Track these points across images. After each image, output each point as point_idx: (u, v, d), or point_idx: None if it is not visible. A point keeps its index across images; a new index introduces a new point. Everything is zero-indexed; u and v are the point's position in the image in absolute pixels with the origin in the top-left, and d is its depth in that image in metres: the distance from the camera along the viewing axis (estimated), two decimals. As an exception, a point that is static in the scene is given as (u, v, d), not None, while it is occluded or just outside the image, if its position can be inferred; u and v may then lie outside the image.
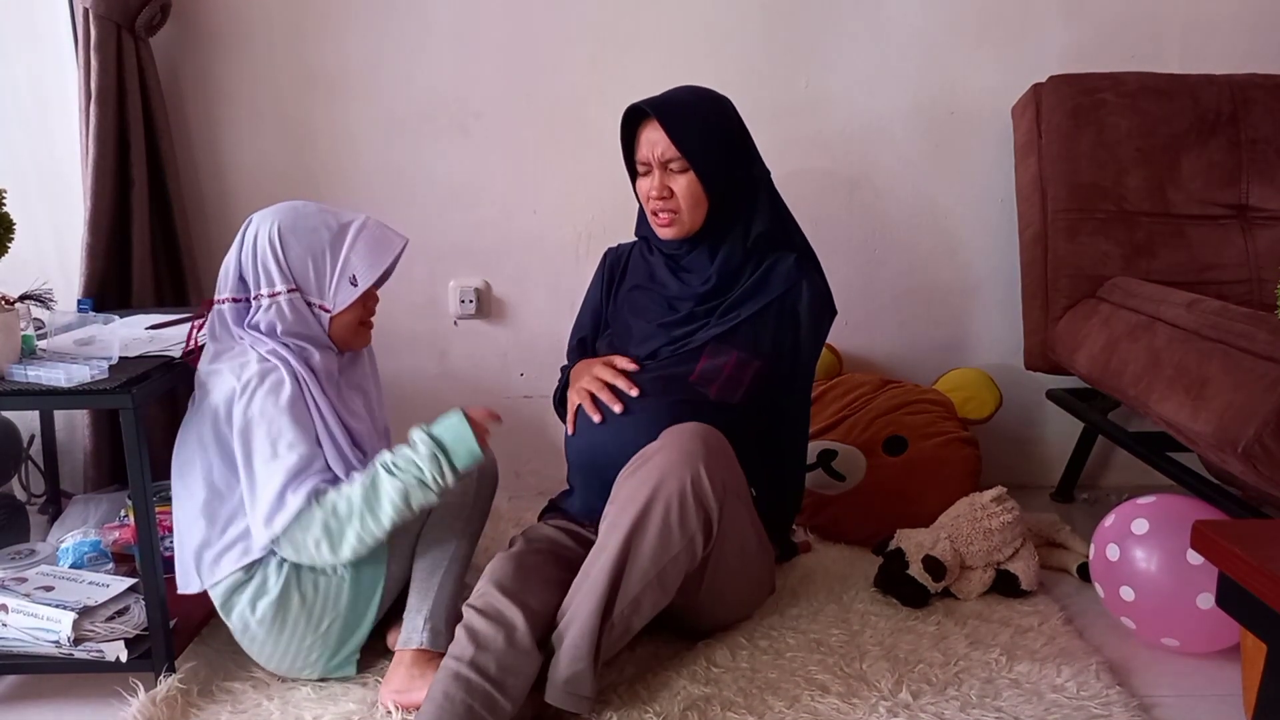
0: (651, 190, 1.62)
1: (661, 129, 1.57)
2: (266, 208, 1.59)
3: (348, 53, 2.22)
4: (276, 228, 1.54)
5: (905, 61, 2.23)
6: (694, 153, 1.57)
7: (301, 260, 1.55)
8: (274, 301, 1.54)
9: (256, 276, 1.55)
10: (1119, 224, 2.01)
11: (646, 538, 1.36)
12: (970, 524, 1.80)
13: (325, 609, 1.52)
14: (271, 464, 1.45)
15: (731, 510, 1.45)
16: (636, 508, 1.37)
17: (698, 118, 1.60)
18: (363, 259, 1.57)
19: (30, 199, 2.18)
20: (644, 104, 1.60)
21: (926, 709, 1.45)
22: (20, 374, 1.46)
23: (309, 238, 1.55)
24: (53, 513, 2.08)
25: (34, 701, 1.56)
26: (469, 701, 1.25)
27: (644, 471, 1.41)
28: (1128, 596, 1.59)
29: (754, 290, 1.64)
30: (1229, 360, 1.46)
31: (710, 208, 1.62)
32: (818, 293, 1.67)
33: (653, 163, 1.60)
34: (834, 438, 2.16)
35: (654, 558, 1.36)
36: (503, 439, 2.39)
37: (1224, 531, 0.98)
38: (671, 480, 1.38)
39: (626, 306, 1.75)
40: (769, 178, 1.69)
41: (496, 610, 1.35)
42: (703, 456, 1.39)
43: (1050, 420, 2.39)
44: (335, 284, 1.57)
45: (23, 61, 2.18)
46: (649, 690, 1.50)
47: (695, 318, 1.66)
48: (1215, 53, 2.19)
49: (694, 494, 1.37)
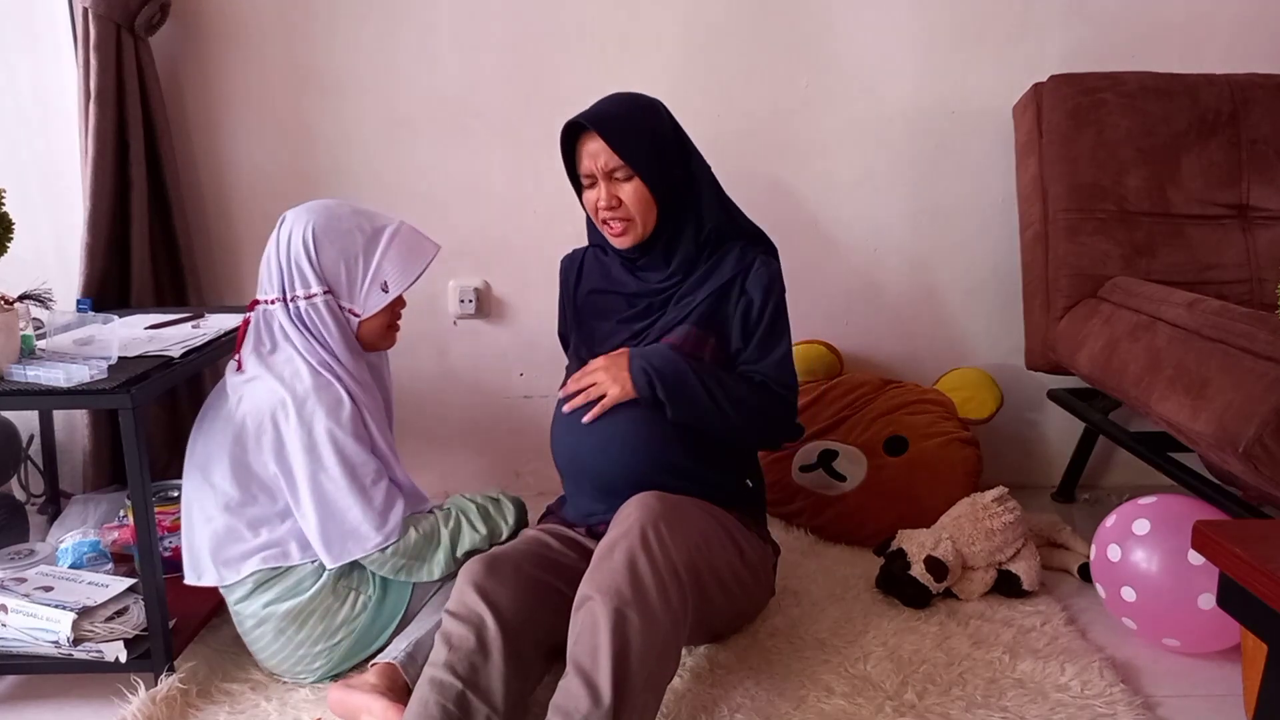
0: (599, 201, 1.62)
1: (601, 140, 1.58)
2: (301, 205, 1.58)
3: (348, 53, 2.22)
4: (310, 229, 1.53)
5: (905, 61, 2.23)
6: (636, 159, 1.58)
7: (334, 264, 1.54)
8: (310, 303, 1.53)
9: (291, 277, 1.54)
10: (1119, 224, 2.01)
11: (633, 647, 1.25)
12: (972, 524, 1.80)
13: (345, 623, 1.53)
14: (353, 484, 1.50)
15: (701, 558, 1.41)
16: (608, 621, 1.27)
17: (635, 125, 1.61)
18: (395, 266, 1.56)
19: (30, 199, 2.18)
20: (580, 118, 1.60)
21: (932, 709, 1.45)
22: (20, 374, 1.45)
23: (343, 240, 1.54)
24: (52, 513, 2.08)
25: (34, 701, 1.56)
26: (442, 701, 1.26)
27: (599, 582, 1.33)
28: (1129, 597, 1.59)
29: (706, 276, 1.66)
30: (1229, 360, 1.46)
31: (659, 209, 1.63)
32: (767, 267, 1.66)
33: (597, 174, 1.61)
34: (834, 438, 2.16)
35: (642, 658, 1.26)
36: (503, 439, 2.41)
37: (1224, 531, 0.97)
38: (627, 589, 1.29)
39: (588, 310, 1.77)
40: (709, 170, 1.70)
41: (467, 610, 1.35)
42: (653, 529, 1.35)
43: (1051, 420, 2.39)
44: (366, 289, 1.56)
45: (23, 61, 2.18)
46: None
47: (653, 310, 1.68)
48: (1215, 53, 2.19)
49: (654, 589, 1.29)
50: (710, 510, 1.53)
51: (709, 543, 1.46)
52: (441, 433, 2.40)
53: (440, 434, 2.40)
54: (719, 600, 1.50)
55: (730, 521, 1.57)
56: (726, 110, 2.24)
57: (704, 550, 1.43)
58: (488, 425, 2.40)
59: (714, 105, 2.24)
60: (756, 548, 1.63)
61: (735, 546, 1.55)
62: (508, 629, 1.33)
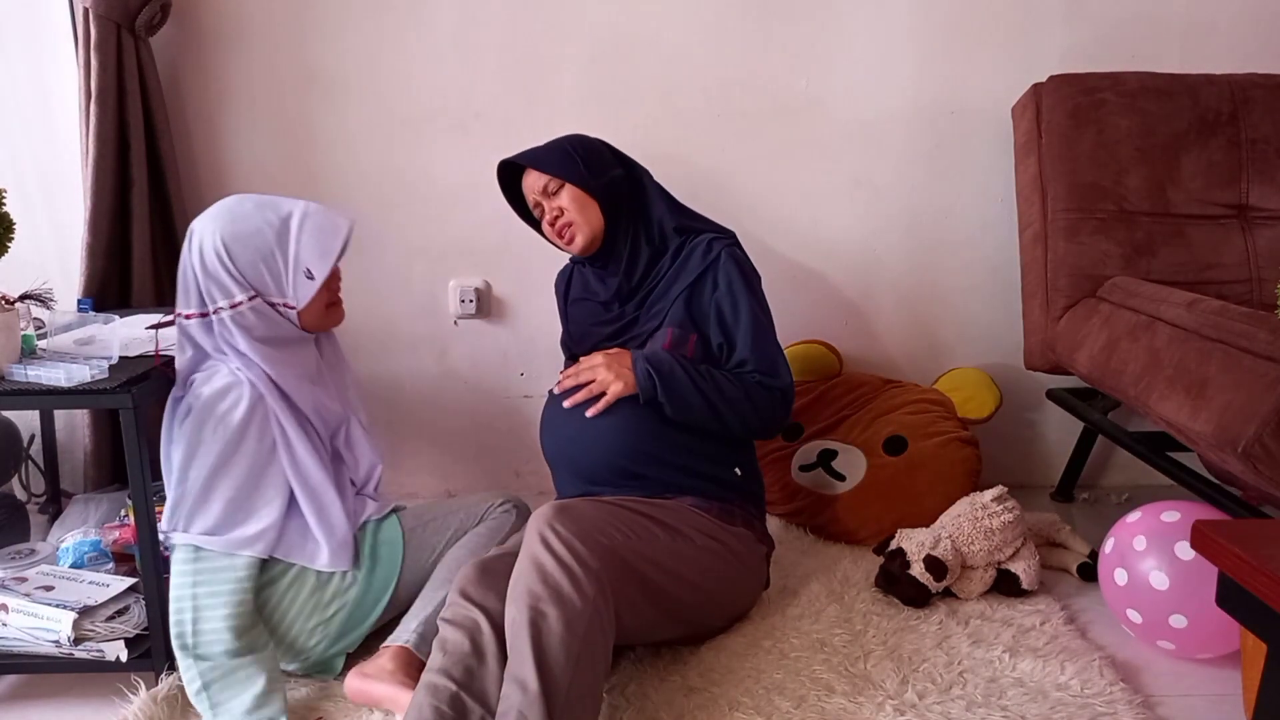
0: (546, 218, 1.77)
1: (533, 170, 1.76)
2: (204, 213, 1.56)
3: (348, 53, 2.22)
4: (219, 238, 1.51)
5: (905, 61, 2.24)
6: (562, 168, 1.73)
7: (253, 266, 1.52)
8: (236, 312, 1.52)
9: (210, 290, 1.52)
10: (1119, 224, 2.01)
11: (548, 627, 1.28)
12: (971, 523, 1.81)
13: (336, 595, 1.55)
14: (208, 483, 1.48)
15: (618, 544, 1.41)
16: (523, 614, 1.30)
17: (555, 146, 1.78)
18: (312, 250, 1.54)
19: (30, 199, 2.19)
20: (511, 159, 1.78)
21: (933, 708, 1.45)
22: (20, 374, 1.46)
23: (253, 240, 1.52)
24: (53, 512, 2.08)
25: (34, 701, 1.56)
26: (436, 704, 1.27)
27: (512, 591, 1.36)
28: (1179, 624, 1.54)
29: (675, 275, 1.74)
30: (1229, 360, 1.46)
31: (602, 209, 1.75)
32: (735, 259, 1.74)
33: (539, 198, 1.77)
34: (834, 438, 2.16)
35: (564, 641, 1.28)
36: (503, 439, 2.41)
37: (1224, 531, 0.97)
38: (530, 576, 1.33)
39: (574, 319, 1.90)
40: (649, 175, 1.82)
41: (461, 616, 1.38)
42: (549, 529, 1.37)
43: (1050, 420, 2.39)
44: (292, 281, 1.55)
45: (23, 61, 2.18)
46: (658, 692, 1.51)
47: (626, 314, 1.78)
48: (1215, 53, 2.19)
49: (552, 569, 1.32)
50: (622, 503, 1.52)
51: (622, 530, 1.45)
52: (441, 433, 2.40)
53: (440, 434, 2.40)
54: (672, 587, 1.49)
55: (664, 510, 1.56)
56: (726, 110, 2.24)
57: (617, 536, 1.43)
58: (488, 425, 2.40)
59: (714, 105, 2.24)
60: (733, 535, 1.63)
61: (672, 531, 1.53)
62: (501, 632, 1.35)
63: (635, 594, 1.43)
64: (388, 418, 2.34)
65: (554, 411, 1.72)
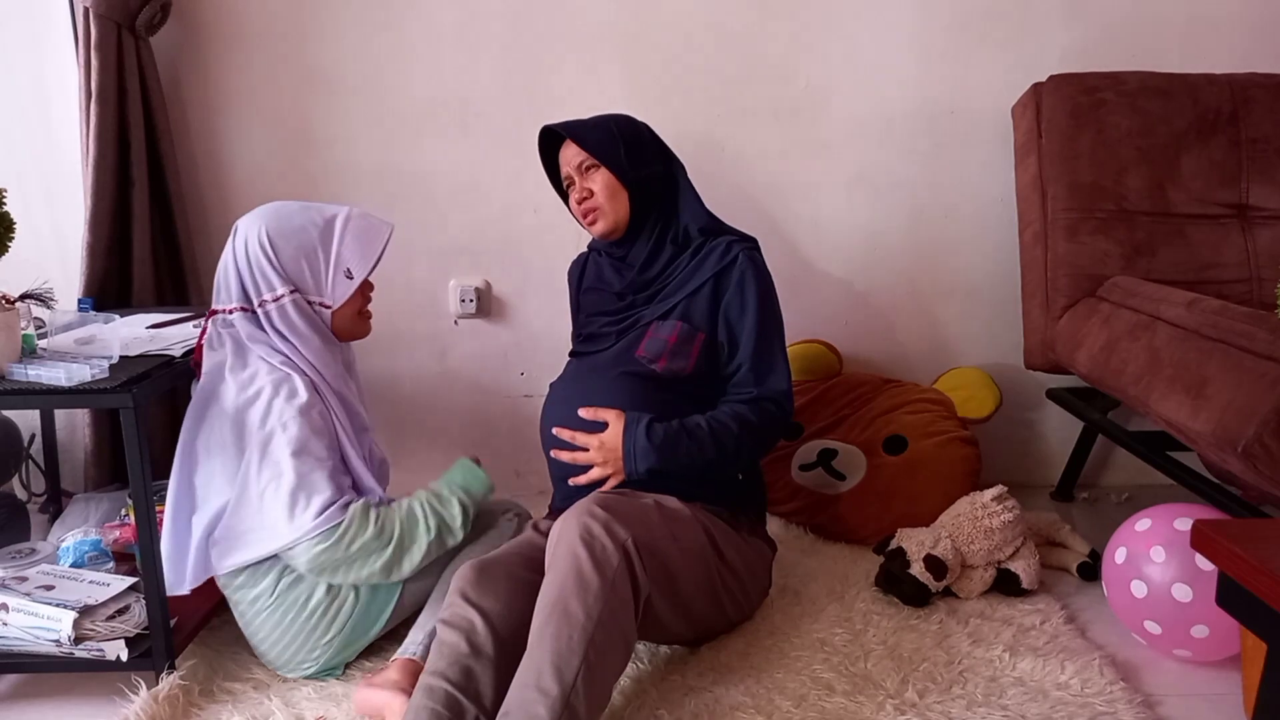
0: (574, 194, 1.74)
1: (573, 144, 1.71)
2: (250, 212, 1.60)
3: (348, 53, 2.22)
4: (265, 232, 1.55)
5: (905, 61, 2.24)
6: (601, 150, 1.69)
7: (295, 261, 1.56)
8: (279, 305, 1.55)
9: (255, 283, 1.56)
10: (1119, 223, 2.01)
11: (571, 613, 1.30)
12: (971, 523, 1.81)
13: (343, 605, 1.55)
14: (298, 469, 1.49)
15: (656, 542, 1.42)
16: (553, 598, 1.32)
17: (600, 124, 1.73)
18: (354, 251, 1.59)
19: (31, 198, 2.18)
20: (553, 126, 1.74)
21: (933, 708, 1.46)
22: (21, 373, 1.46)
23: (298, 237, 1.56)
24: (53, 512, 2.08)
25: (34, 701, 1.56)
26: (432, 705, 1.28)
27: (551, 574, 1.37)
28: (1200, 634, 1.52)
29: (691, 273, 1.72)
30: (1229, 359, 1.46)
31: (631, 201, 1.71)
32: (752, 262, 1.72)
33: (572, 173, 1.73)
34: (834, 437, 2.16)
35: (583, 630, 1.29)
36: (503, 439, 2.41)
37: (1224, 531, 0.98)
38: (569, 557, 1.34)
39: (585, 307, 1.87)
40: (685, 173, 1.79)
41: (458, 616, 1.38)
42: (590, 519, 1.38)
43: (1050, 419, 2.40)
44: (331, 279, 1.59)
45: (24, 61, 2.18)
46: (658, 691, 1.51)
47: (636, 304, 1.75)
48: (1215, 52, 2.19)
49: (594, 555, 1.34)
50: (661, 501, 1.52)
51: (663, 530, 1.45)
52: (442, 433, 2.40)
53: (440, 434, 2.40)
54: (694, 591, 1.50)
55: (694, 513, 1.56)
56: (726, 110, 2.24)
57: (656, 532, 1.43)
58: (488, 425, 2.40)
59: (714, 105, 2.24)
60: (745, 544, 1.63)
61: (707, 534, 1.54)
62: (498, 633, 1.35)
63: (661, 596, 1.43)
64: (388, 418, 2.34)
65: (556, 407, 1.71)
